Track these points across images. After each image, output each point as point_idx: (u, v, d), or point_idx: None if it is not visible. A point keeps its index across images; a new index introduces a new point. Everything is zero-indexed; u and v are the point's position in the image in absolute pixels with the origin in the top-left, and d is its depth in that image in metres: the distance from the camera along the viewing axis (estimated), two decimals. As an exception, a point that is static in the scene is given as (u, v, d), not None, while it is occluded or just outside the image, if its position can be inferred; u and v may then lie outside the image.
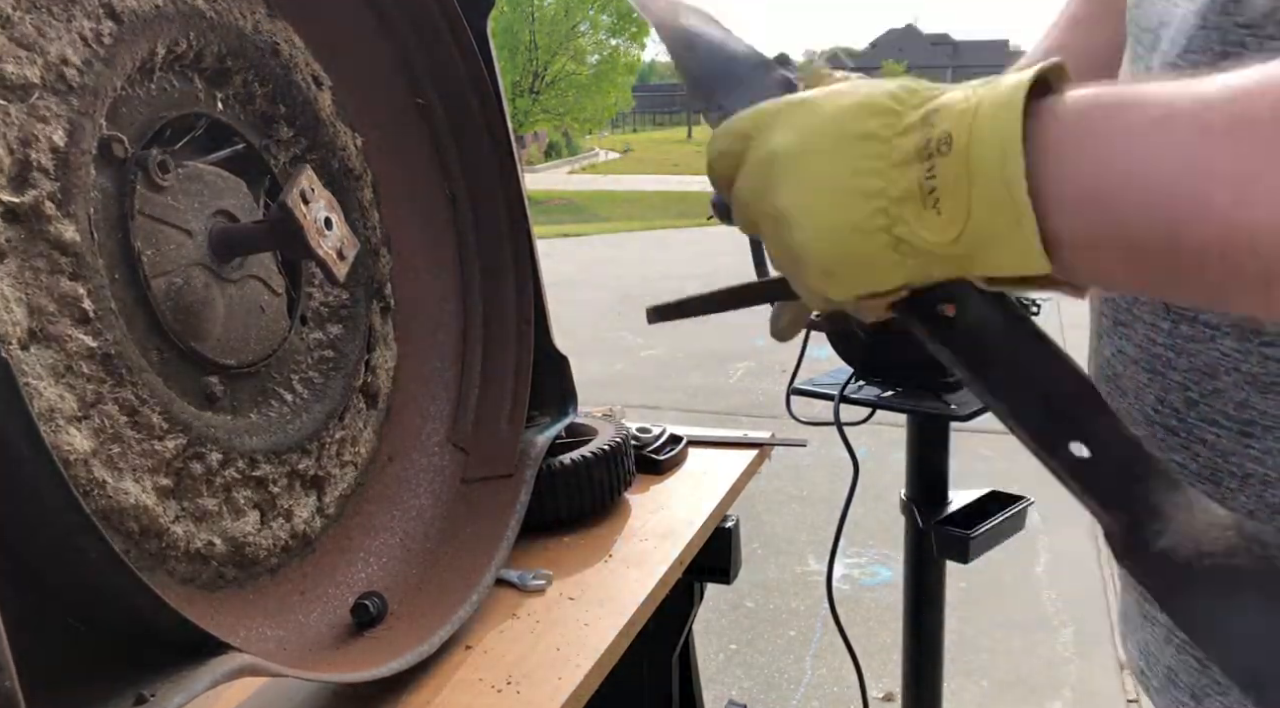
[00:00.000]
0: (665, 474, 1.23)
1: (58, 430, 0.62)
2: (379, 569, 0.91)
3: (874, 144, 0.44)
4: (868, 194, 0.44)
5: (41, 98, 0.63)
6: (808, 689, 2.71)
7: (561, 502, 1.07)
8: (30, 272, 0.62)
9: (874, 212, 0.44)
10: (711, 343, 6.42)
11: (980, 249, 0.43)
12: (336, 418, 0.89)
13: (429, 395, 1.03)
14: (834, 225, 0.45)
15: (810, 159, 0.46)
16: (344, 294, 0.93)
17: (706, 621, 3.00)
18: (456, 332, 1.06)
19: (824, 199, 0.45)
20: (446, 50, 1.00)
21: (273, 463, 0.81)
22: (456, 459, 1.02)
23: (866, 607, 3.08)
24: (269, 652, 0.75)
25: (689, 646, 1.26)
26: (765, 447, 1.32)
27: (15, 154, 0.62)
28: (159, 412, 0.69)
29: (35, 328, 0.62)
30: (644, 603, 0.92)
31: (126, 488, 0.66)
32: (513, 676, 0.80)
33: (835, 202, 0.45)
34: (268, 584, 0.81)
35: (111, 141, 0.70)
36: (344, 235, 0.81)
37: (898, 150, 0.43)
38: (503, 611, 0.91)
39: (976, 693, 2.66)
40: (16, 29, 0.62)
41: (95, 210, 0.68)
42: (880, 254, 0.45)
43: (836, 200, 0.45)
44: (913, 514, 1.51)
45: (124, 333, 0.68)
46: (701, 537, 1.08)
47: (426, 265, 1.04)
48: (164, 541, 0.70)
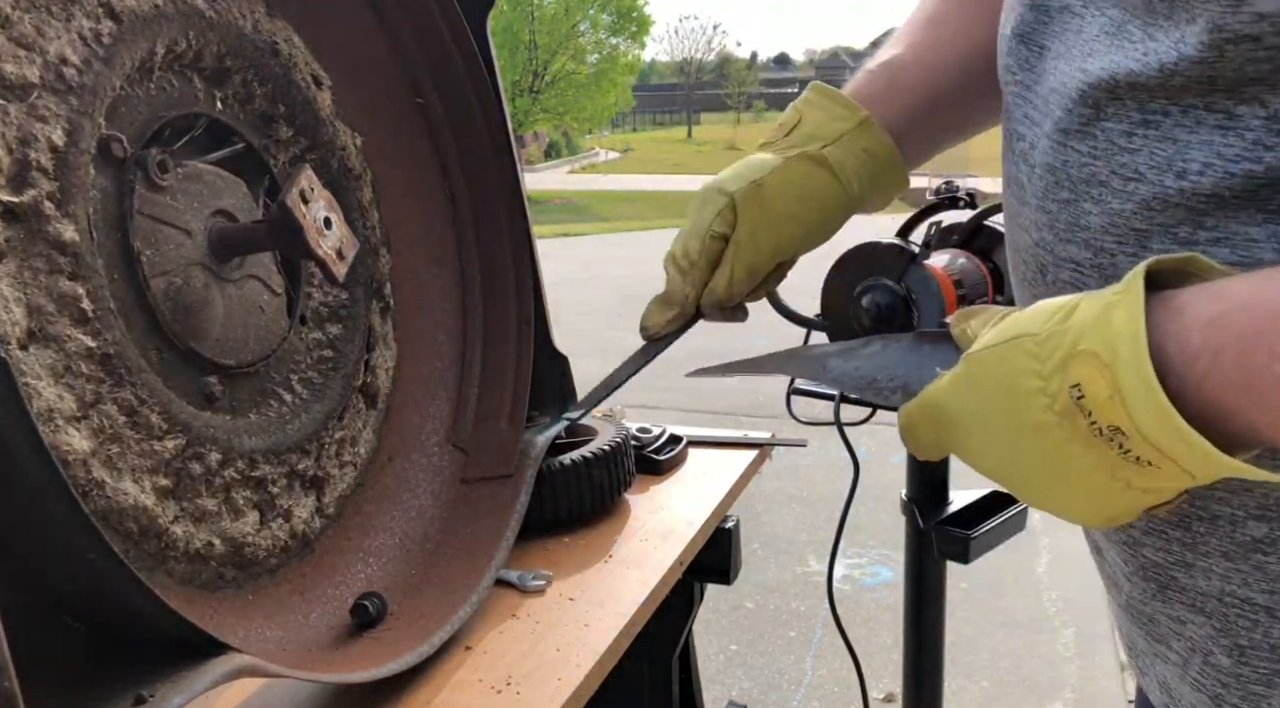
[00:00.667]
0: (665, 474, 1.23)
1: (57, 431, 0.62)
2: (378, 570, 0.91)
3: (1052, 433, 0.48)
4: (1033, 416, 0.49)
5: (40, 97, 0.63)
6: (808, 690, 2.71)
7: (561, 502, 1.06)
8: (29, 271, 0.62)
9: (1118, 490, 0.48)
10: (711, 343, 6.42)
11: (1203, 471, 0.46)
12: (336, 418, 0.89)
13: (429, 395, 1.03)
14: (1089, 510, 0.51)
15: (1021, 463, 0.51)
16: (343, 294, 0.93)
17: (706, 621, 3.00)
18: (456, 332, 1.05)
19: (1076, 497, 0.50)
20: (446, 50, 1.00)
21: (272, 463, 0.81)
22: (456, 459, 1.01)
23: (867, 607, 3.08)
24: (268, 652, 0.75)
25: (689, 646, 1.26)
26: (765, 447, 1.32)
27: (14, 154, 0.62)
28: (158, 412, 0.69)
29: (34, 328, 0.62)
30: (644, 604, 0.92)
31: (125, 488, 0.66)
32: (512, 676, 0.80)
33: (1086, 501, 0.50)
34: (267, 585, 0.81)
35: (111, 141, 0.69)
36: (343, 235, 0.81)
37: (1080, 434, 0.47)
38: (502, 611, 0.91)
39: (977, 693, 2.66)
40: (15, 28, 0.62)
41: (94, 210, 0.67)
42: (1134, 504, 0.49)
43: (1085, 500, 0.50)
44: (913, 515, 1.51)
45: (123, 333, 0.67)
46: (701, 537, 1.08)
47: (426, 265, 1.04)
48: (163, 541, 0.70)
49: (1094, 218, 0.58)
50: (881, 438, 3.59)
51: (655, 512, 1.12)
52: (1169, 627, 0.63)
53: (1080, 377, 0.46)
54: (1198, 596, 0.59)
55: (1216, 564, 0.58)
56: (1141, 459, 0.45)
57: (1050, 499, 0.52)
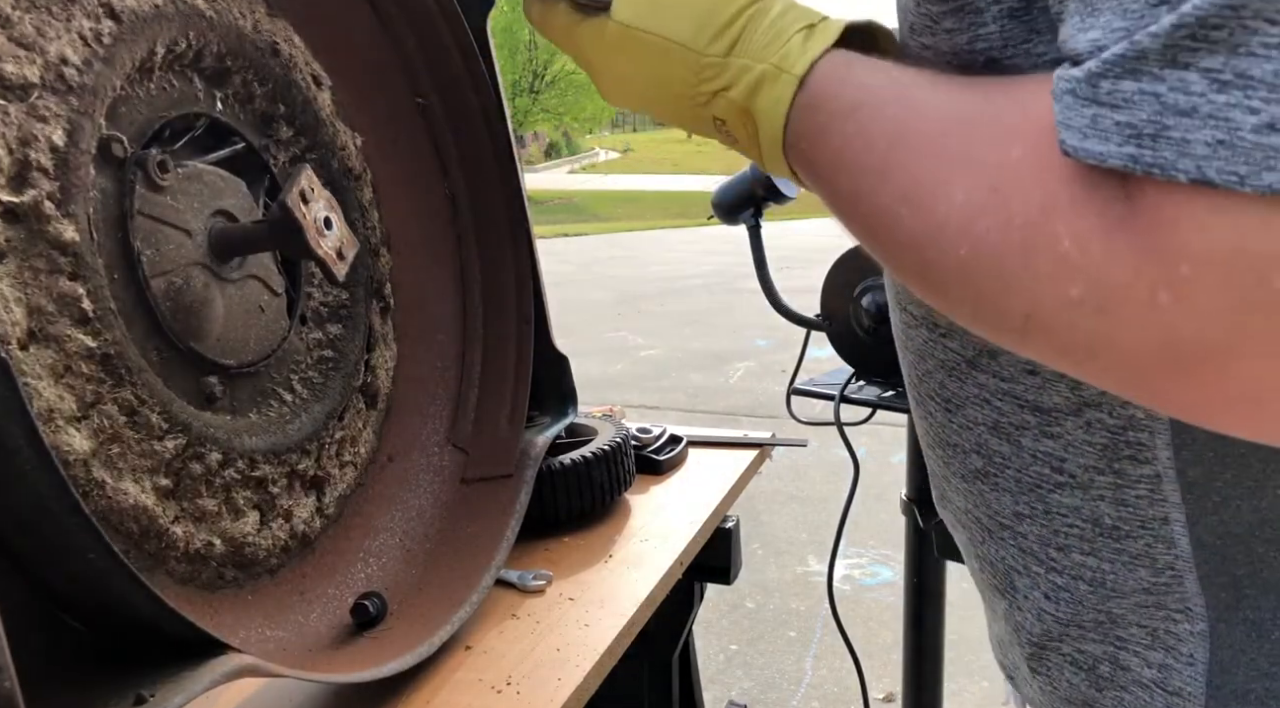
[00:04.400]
0: (665, 475, 1.23)
1: (57, 431, 0.62)
2: (378, 570, 0.91)
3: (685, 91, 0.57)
4: (680, 107, 0.58)
5: (41, 97, 0.63)
6: (808, 690, 2.71)
7: (561, 502, 1.07)
8: (29, 271, 0.62)
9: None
10: (711, 343, 6.42)
11: (754, 159, 0.57)
12: (336, 418, 0.89)
13: (429, 395, 1.03)
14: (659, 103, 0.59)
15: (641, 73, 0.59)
16: (343, 294, 0.93)
17: (707, 621, 3.00)
18: (456, 332, 1.06)
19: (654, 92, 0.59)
20: (446, 50, 1.00)
21: (272, 463, 0.81)
22: (456, 459, 1.01)
23: (867, 607, 3.08)
24: (268, 652, 0.75)
25: (689, 646, 1.26)
26: (765, 447, 1.32)
27: (15, 154, 0.62)
28: (158, 412, 0.69)
29: (34, 328, 0.62)
30: (644, 604, 0.92)
31: (126, 488, 0.66)
32: (512, 676, 0.80)
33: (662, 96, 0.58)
34: (267, 585, 0.81)
35: (111, 141, 0.69)
36: (343, 235, 0.81)
37: (697, 104, 0.56)
38: (502, 611, 0.91)
39: (977, 693, 2.66)
40: (16, 28, 0.62)
41: (94, 210, 0.68)
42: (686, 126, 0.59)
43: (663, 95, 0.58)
44: (913, 514, 1.51)
45: (123, 333, 0.67)
46: (701, 537, 1.08)
47: (426, 265, 1.04)
48: (163, 541, 0.70)
49: None
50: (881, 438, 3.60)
51: (655, 512, 1.12)
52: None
53: (724, 114, 0.55)
54: (954, 511, 0.69)
55: (958, 486, 0.67)
56: (737, 142, 0.57)
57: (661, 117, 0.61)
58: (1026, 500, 0.62)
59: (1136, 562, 0.58)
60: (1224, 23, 0.35)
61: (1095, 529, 0.59)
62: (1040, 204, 0.41)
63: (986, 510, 0.65)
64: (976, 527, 0.67)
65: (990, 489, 0.64)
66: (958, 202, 0.44)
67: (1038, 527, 0.62)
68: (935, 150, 0.46)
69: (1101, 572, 0.60)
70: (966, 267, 0.45)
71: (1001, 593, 0.67)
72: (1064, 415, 0.58)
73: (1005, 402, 0.60)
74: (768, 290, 1.48)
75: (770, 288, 1.48)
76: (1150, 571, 0.58)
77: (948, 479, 0.68)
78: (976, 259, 0.44)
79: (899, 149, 0.48)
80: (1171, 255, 0.37)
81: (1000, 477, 0.63)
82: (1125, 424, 0.56)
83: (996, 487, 0.63)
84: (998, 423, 0.61)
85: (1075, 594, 0.61)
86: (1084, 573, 0.60)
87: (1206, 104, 0.36)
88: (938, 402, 0.66)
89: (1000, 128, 0.45)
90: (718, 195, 1.40)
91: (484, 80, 1.02)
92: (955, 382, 0.63)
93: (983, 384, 0.61)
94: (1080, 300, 0.40)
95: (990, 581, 0.68)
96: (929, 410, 0.67)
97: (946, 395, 0.64)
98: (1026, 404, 0.59)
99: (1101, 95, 0.38)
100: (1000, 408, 0.61)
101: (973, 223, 0.44)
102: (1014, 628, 0.67)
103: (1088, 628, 0.61)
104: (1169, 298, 0.38)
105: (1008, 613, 0.67)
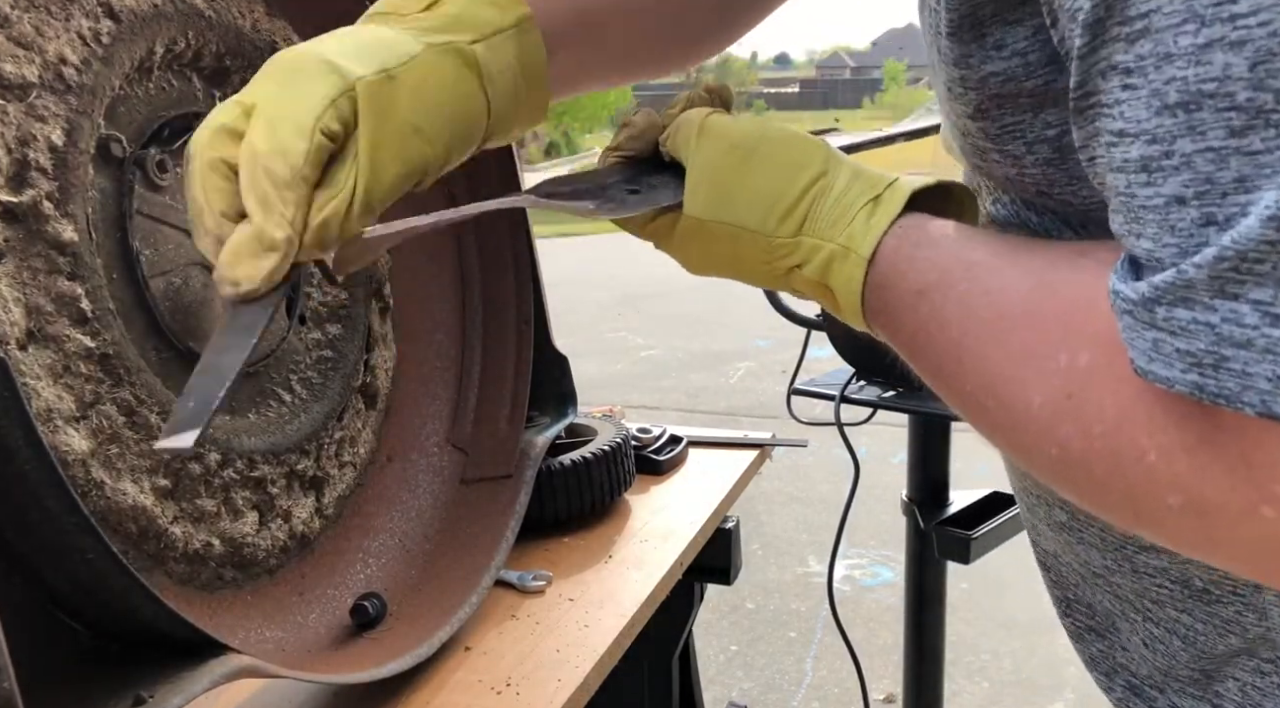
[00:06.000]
0: (665, 475, 1.23)
1: (56, 431, 0.62)
2: (378, 570, 0.91)
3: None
4: (758, 278, 0.57)
5: (40, 97, 0.63)
6: (808, 691, 2.71)
7: (561, 502, 1.06)
8: (28, 271, 0.62)
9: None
10: (711, 343, 6.42)
11: None
12: (335, 418, 0.89)
13: (428, 395, 1.03)
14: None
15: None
16: (343, 294, 0.93)
17: (707, 622, 3.00)
18: (456, 332, 1.05)
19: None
20: (446, 50, 1.00)
21: (271, 464, 0.81)
22: (456, 460, 1.01)
23: (867, 608, 3.08)
24: (268, 653, 0.75)
25: (689, 647, 1.26)
26: (766, 447, 1.32)
27: (13, 153, 0.62)
28: (157, 412, 0.69)
29: (33, 328, 0.61)
30: (644, 604, 0.92)
31: (125, 489, 0.66)
32: (512, 677, 0.80)
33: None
34: (266, 585, 0.80)
35: (110, 141, 0.69)
36: (343, 235, 0.81)
37: (775, 277, 0.56)
38: (502, 612, 0.91)
39: (977, 694, 2.66)
40: (14, 28, 0.62)
41: (93, 210, 0.67)
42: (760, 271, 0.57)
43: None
44: (914, 515, 1.51)
45: (122, 333, 0.67)
46: (702, 538, 1.08)
47: (426, 265, 1.04)
48: (162, 541, 0.69)
49: None
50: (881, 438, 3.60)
51: (655, 512, 1.12)
52: None
53: (803, 289, 0.55)
54: (1041, 552, 0.69)
55: (1045, 532, 0.66)
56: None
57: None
58: (1114, 557, 0.60)
59: (1228, 628, 0.56)
60: (1264, 256, 0.33)
61: (1185, 590, 0.57)
62: (1117, 415, 0.40)
63: (1076, 560, 0.64)
64: (1068, 571, 0.66)
65: (1077, 542, 0.62)
66: (1036, 403, 0.43)
67: (1129, 581, 0.60)
68: (1007, 346, 0.45)
69: (1195, 631, 0.58)
70: (1059, 465, 0.44)
71: (1100, 634, 0.66)
72: None
73: None
74: (768, 291, 1.48)
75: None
76: (1240, 639, 0.56)
77: (1034, 525, 0.67)
78: (1067, 461, 0.43)
79: (971, 339, 0.47)
80: (1264, 475, 0.36)
81: (1085, 532, 0.61)
82: None
83: (1083, 541, 0.62)
84: None
85: (1169, 648, 0.60)
86: (1178, 629, 0.59)
87: (1261, 338, 0.34)
88: None
89: (1069, 328, 0.43)
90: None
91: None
92: None
93: None
94: (1181, 508, 0.39)
95: (1085, 622, 0.66)
96: (1011, 460, 0.66)
97: None
98: None
99: (1159, 321, 0.37)
100: None
101: (1055, 428, 0.43)
102: (1109, 670, 0.65)
103: (1186, 681, 0.60)
104: (1272, 512, 0.37)
105: (1103, 654, 0.65)
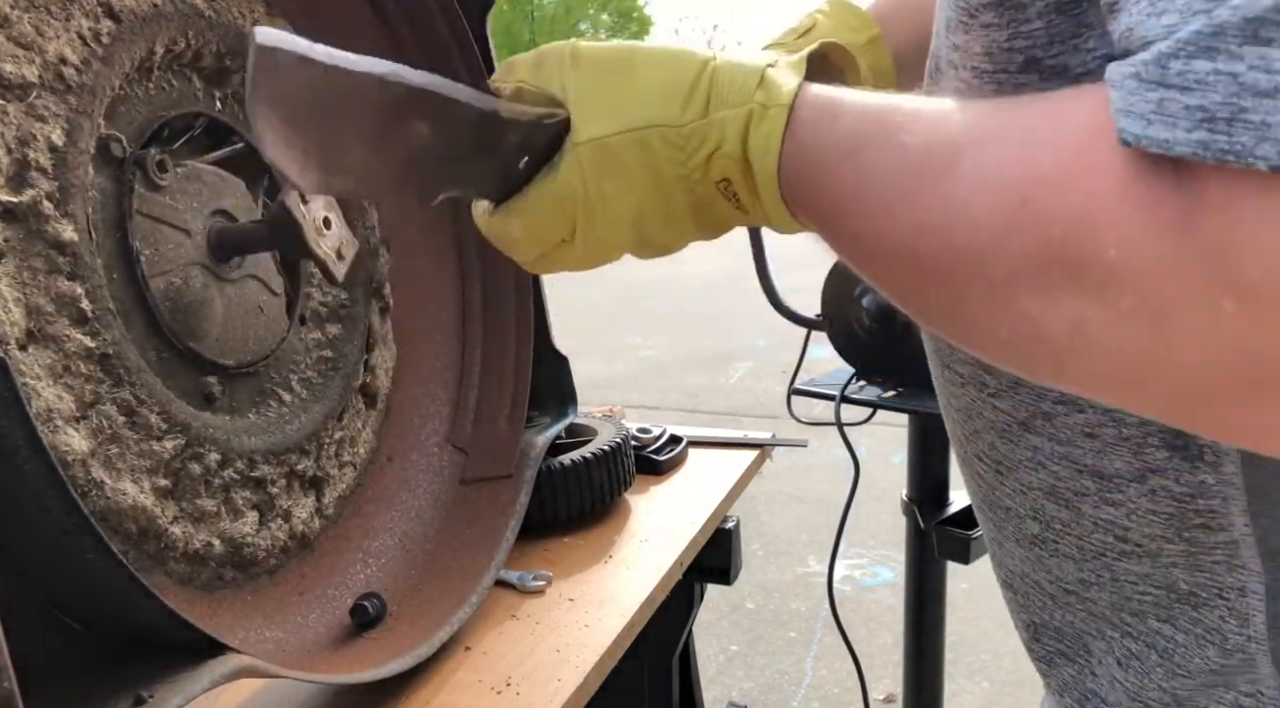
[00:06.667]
0: (665, 475, 1.23)
1: (56, 431, 0.62)
2: (378, 570, 0.91)
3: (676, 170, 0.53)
4: (679, 197, 0.54)
5: (40, 97, 0.63)
6: (808, 690, 2.70)
7: (561, 502, 1.06)
8: (28, 271, 0.62)
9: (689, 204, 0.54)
10: (711, 343, 6.42)
11: (763, 220, 0.54)
12: (335, 418, 0.89)
13: (428, 395, 1.03)
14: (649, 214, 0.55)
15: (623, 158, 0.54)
16: (343, 294, 0.93)
17: (707, 622, 3.00)
18: (456, 332, 1.05)
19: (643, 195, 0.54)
20: (446, 50, 1.00)
21: (271, 463, 0.81)
22: (456, 460, 1.01)
23: (867, 607, 3.08)
24: (268, 653, 0.75)
25: (689, 647, 1.26)
26: (766, 447, 1.32)
27: (13, 153, 0.62)
28: (157, 412, 0.69)
29: (33, 328, 0.61)
30: (644, 604, 0.92)
31: (125, 489, 0.66)
32: (512, 677, 0.80)
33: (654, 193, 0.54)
34: (266, 585, 0.80)
35: (110, 141, 0.69)
36: (343, 235, 0.81)
37: (695, 179, 0.53)
38: (502, 612, 0.91)
39: (978, 694, 2.66)
40: (15, 28, 0.62)
41: (93, 210, 0.67)
42: (689, 230, 0.55)
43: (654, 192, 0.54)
44: (914, 515, 1.51)
45: (122, 333, 0.67)
46: (702, 538, 1.08)
47: (426, 265, 1.04)
48: (162, 541, 0.69)
49: None
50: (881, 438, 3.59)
51: (655, 512, 1.12)
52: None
53: (726, 173, 0.52)
54: (1007, 573, 0.66)
55: (1012, 551, 0.64)
56: (743, 204, 0.53)
57: (658, 243, 0.57)
58: (1091, 568, 0.58)
59: (1208, 638, 0.55)
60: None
61: (1170, 595, 0.56)
62: (1079, 210, 0.38)
63: (1048, 576, 0.62)
64: (1037, 592, 0.63)
65: (1050, 555, 0.60)
66: (984, 219, 0.41)
67: (1107, 593, 0.58)
68: (955, 171, 0.42)
69: (1174, 643, 0.56)
70: (1000, 291, 0.41)
71: (1070, 658, 0.63)
72: (1126, 482, 0.54)
73: (1062, 466, 0.57)
74: (768, 290, 1.48)
75: (770, 288, 1.48)
76: (1219, 651, 0.55)
77: (1000, 543, 0.65)
78: (1012, 281, 0.40)
79: (909, 178, 0.44)
80: (1239, 257, 0.34)
81: (1060, 543, 0.59)
82: (1194, 492, 0.52)
83: (1057, 553, 0.60)
84: (1054, 488, 0.58)
85: (1145, 664, 0.58)
86: (1157, 641, 0.57)
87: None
88: (987, 463, 0.62)
89: (1026, 139, 0.41)
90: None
91: (484, 81, 1.02)
92: (1007, 444, 0.59)
93: (1037, 447, 0.58)
94: (1132, 312, 0.37)
95: (1055, 646, 0.64)
96: (977, 471, 0.64)
97: (997, 457, 0.61)
98: (1085, 469, 0.56)
99: (1171, 77, 0.34)
100: (1057, 472, 0.57)
101: (1004, 244, 0.40)
102: (1080, 697, 0.63)
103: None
104: (1235, 306, 0.34)
105: (1075, 680, 0.63)
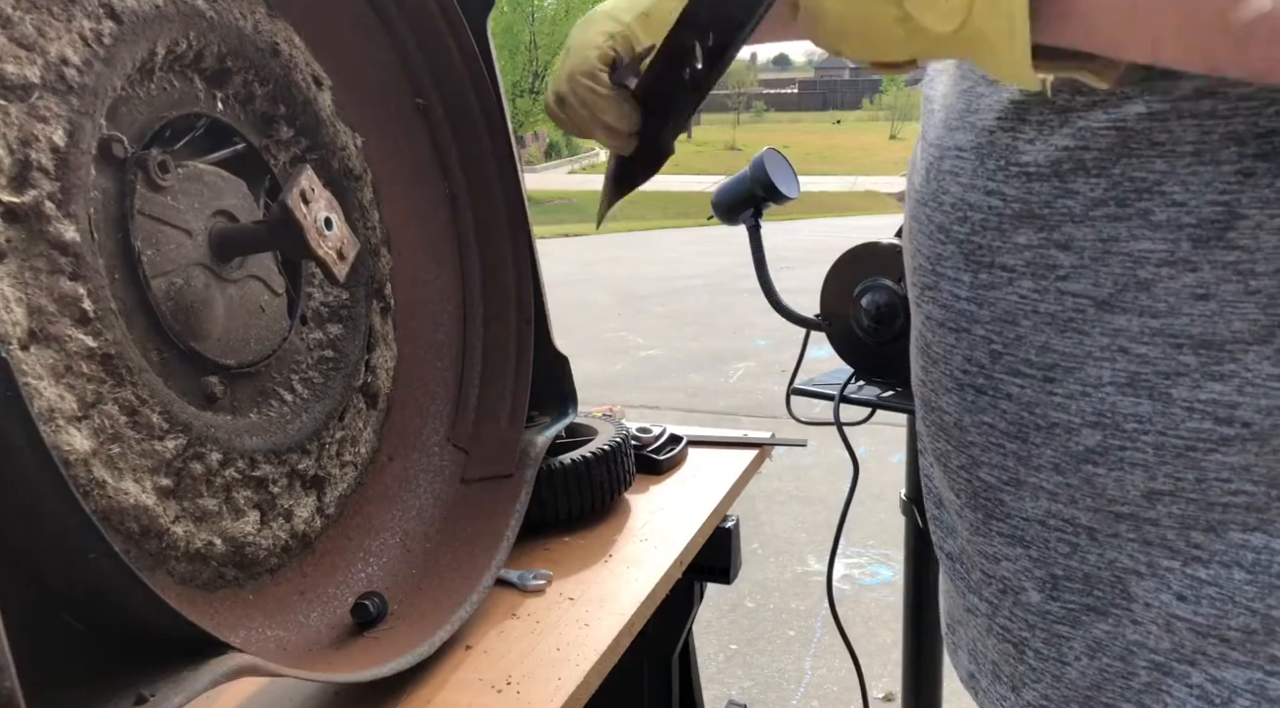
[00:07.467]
0: (665, 474, 1.23)
1: (58, 431, 0.62)
2: (379, 569, 0.91)
3: None
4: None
5: (41, 98, 0.63)
6: (808, 689, 2.71)
7: (561, 502, 1.07)
8: (30, 272, 0.62)
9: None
10: (711, 343, 6.42)
11: (977, 47, 0.46)
12: (336, 418, 0.89)
13: (429, 395, 1.03)
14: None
15: None
16: (344, 294, 0.93)
17: (706, 621, 3.00)
18: (456, 332, 1.06)
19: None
20: (446, 50, 1.00)
21: (273, 463, 0.81)
22: (456, 459, 1.02)
23: (867, 607, 3.08)
24: (269, 652, 0.75)
25: (689, 646, 1.26)
26: (765, 447, 1.32)
27: (15, 154, 0.62)
28: (159, 412, 0.69)
29: (35, 328, 0.62)
30: (644, 603, 0.92)
31: (126, 488, 0.66)
32: (512, 676, 0.80)
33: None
34: (268, 584, 0.81)
35: (111, 141, 0.70)
36: (344, 235, 0.81)
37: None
38: (502, 611, 0.91)
39: (976, 693, 2.66)
40: (16, 29, 0.62)
41: (95, 210, 0.68)
42: (888, 27, 0.47)
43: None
44: (913, 514, 1.51)
45: (124, 333, 0.68)
46: (701, 537, 1.08)
47: (427, 265, 1.04)
48: (164, 541, 0.70)
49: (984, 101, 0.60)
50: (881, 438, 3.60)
51: (655, 512, 1.12)
52: (983, 570, 0.63)
53: (942, 21, 0.46)
54: (1021, 521, 0.60)
55: (1047, 479, 0.57)
56: None
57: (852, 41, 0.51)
58: (1170, 471, 0.53)
59: None
60: None
61: (1273, 492, 0.50)
62: None
63: (1094, 501, 0.56)
64: (1067, 532, 0.57)
65: (1110, 470, 0.55)
66: None
67: (1180, 505, 0.53)
68: None
69: (1270, 553, 0.50)
70: None
71: (1102, 611, 0.57)
72: (1245, 346, 0.49)
73: (1153, 344, 0.52)
74: (767, 290, 1.48)
75: (770, 288, 1.48)
76: None
77: (1019, 481, 0.59)
78: None
79: None
80: None
81: (1131, 448, 0.54)
82: None
83: (1121, 463, 0.54)
84: (1135, 377, 0.52)
85: (1226, 588, 0.52)
86: (1243, 556, 0.51)
87: None
88: (1029, 375, 0.56)
89: None
90: (718, 195, 1.41)
91: (484, 81, 1.02)
92: (1071, 337, 0.54)
93: (1119, 329, 0.53)
94: None
95: (1081, 601, 0.58)
96: (1008, 393, 0.58)
97: (1049, 362, 0.56)
98: (1188, 342, 0.51)
99: None
100: (1144, 355, 0.52)
101: None
102: (1122, 653, 0.56)
103: (1233, 643, 0.52)
104: None
105: (1109, 636, 0.57)
